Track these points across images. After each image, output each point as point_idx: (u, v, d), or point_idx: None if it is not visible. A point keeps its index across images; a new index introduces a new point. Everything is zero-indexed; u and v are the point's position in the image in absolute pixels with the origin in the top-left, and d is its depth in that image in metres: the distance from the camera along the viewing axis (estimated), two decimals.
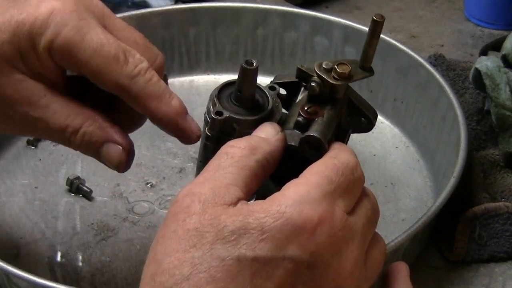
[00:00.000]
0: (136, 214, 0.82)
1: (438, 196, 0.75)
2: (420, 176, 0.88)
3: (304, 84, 0.61)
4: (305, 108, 0.59)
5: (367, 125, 0.65)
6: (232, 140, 0.56)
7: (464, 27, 1.15)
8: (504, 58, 0.88)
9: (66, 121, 0.62)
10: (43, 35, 0.60)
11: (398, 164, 0.90)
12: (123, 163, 0.63)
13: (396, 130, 0.95)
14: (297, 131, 0.59)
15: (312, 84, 0.59)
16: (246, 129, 0.60)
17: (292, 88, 0.63)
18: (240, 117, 0.60)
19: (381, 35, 0.94)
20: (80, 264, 0.77)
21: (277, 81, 0.64)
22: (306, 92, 0.61)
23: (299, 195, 0.51)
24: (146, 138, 0.91)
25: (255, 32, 1.00)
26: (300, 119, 0.59)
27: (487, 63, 0.87)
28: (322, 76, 0.59)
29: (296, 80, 0.62)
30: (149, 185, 0.85)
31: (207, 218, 0.50)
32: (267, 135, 0.57)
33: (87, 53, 0.60)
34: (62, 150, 0.90)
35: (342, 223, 0.52)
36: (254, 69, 0.59)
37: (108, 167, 0.64)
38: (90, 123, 0.62)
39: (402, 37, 1.11)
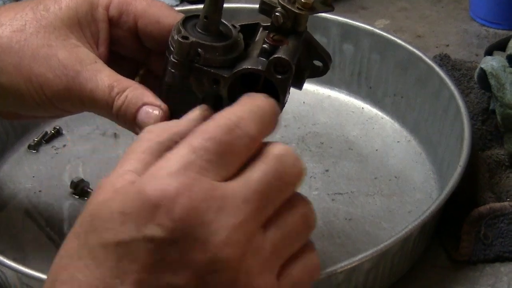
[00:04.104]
0: None
1: (443, 187, 0.78)
2: (423, 169, 0.91)
3: (263, 25, 0.65)
4: (271, 36, 0.63)
5: (323, 68, 0.69)
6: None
7: (469, 27, 1.16)
8: (510, 58, 0.90)
9: (113, 83, 0.67)
10: None
11: (400, 158, 0.92)
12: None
13: (396, 125, 0.97)
14: (262, 58, 0.63)
15: (276, 14, 0.63)
16: (211, 55, 0.63)
17: (250, 31, 0.66)
18: (206, 43, 0.63)
19: (380, 31, 0.98)
20: None
21: (242, 24, 0.68)
22: (265, 32, 0.65)
23: (158, 169, 0.50)
24: None
25: None
26: (266, 46, 0.63)
27: (493, 63, 0.89)
28: (286, 6, 0.62)
29: (254, 22, 0.66)
30: None
31: (87, 210, 0.51)
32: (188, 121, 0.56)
33: (143, 4, 0.70)
34: (64, 153, 0.93)
35: (205, 194, 0.49)
36: None
37: None
38: (135, 87, 0.67)
39: (407, 36, 1.13)
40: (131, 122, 0.67)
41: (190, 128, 0.53)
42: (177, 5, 1.18)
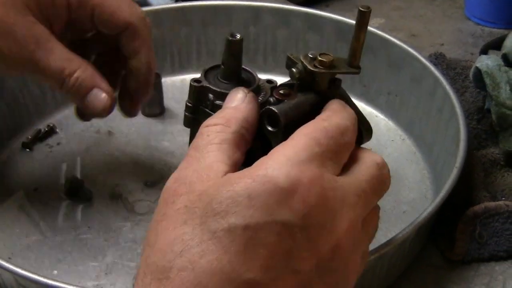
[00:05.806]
0: (137, 213, 0.84)
1: (439, 187, 0.77)
2: (418, 168, 0.91)
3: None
4: (279, 90, 0.62)
5: (358, 137, 0.61)
6: (206, 120, 0.58)
7: (464, 26, 1.17)
8: (505, 57, 0.91)
9: (64, 64, 0.74)
10: None
11: (395, 157, 0.92)
12: (107, 109, 0.76)
13: (391, 124, 0.97)
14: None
15: (293, 69, 0.61)
16: (221, 102, 0.62)
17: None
18: (216, 89, 0.64)
19: (374, 30, 0.98)
20: (85, 266, 0.78)
21: (282, 83, 0.66)
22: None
23: (286, 157, 0.52)
24: (142, 139, 0.94)
25: (247, 30, 1.02)
26: (271, 98, 0.62)
27: (488, 62, 0.89)
28: (303, 63, 0.61)
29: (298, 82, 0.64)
30: (147, 184, 0.88)
31: (196, 194, 0.51)
32: (237, 102, 0.59)
33: None
34: (58, 151, 0.93)
35: (332, 184, 0.52)
36: (238, 40, 0.63)
37: (91, 113, 0.77)
38: (84, 69, 0.74)
39: (402, 36, 1.13)
40: (80, 100, 0.76)
41: (251, 111, 0.58)
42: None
